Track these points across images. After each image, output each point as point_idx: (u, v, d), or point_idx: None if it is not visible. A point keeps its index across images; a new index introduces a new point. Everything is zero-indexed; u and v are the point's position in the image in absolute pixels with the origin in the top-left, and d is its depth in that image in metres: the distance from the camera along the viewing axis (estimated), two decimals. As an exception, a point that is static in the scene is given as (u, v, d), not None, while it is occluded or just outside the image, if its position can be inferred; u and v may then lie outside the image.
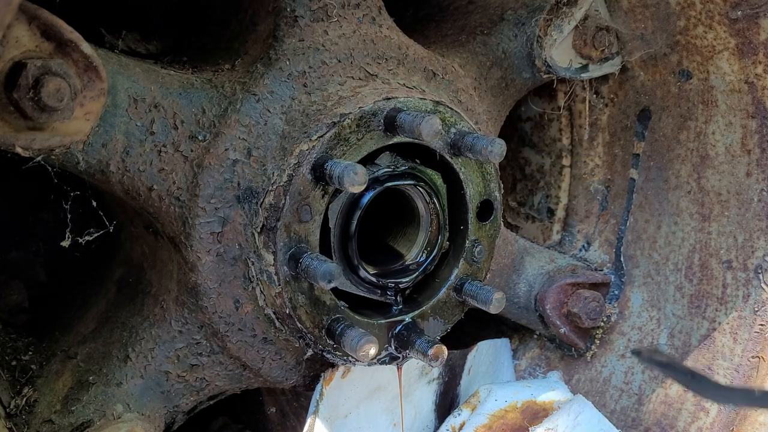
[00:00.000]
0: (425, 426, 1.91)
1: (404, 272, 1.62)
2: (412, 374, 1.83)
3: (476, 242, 1.66)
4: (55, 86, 1.17)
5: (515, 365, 2.17)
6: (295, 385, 1.72)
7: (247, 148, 1.45)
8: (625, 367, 2.04)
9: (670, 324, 1.97)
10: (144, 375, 1.59)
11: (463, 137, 1.52)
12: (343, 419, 1.72)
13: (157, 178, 1.41)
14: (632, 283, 2.07)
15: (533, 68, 1.84)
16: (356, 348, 1.43)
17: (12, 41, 1.15)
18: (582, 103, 2.12)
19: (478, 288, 1.62)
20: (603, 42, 1.89)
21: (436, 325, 1.65)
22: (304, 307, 1.47)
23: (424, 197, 1.59)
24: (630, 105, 2.05)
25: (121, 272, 1.80)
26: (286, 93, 1.49)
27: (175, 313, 1.57)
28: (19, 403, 1.62)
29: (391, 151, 1.53)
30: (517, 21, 1.83)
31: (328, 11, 1.51)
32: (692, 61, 1.88)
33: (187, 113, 1.43)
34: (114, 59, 1.37)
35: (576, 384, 2.08)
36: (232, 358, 1.61)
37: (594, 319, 1.99)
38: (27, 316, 2.06)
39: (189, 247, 1.47)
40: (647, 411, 1.96)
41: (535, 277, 2.00)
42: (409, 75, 1.63)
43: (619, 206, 2.11)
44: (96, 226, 1.61)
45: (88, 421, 1.55)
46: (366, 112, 1.46)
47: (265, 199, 1.45)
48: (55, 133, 1.24)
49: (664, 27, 1.87)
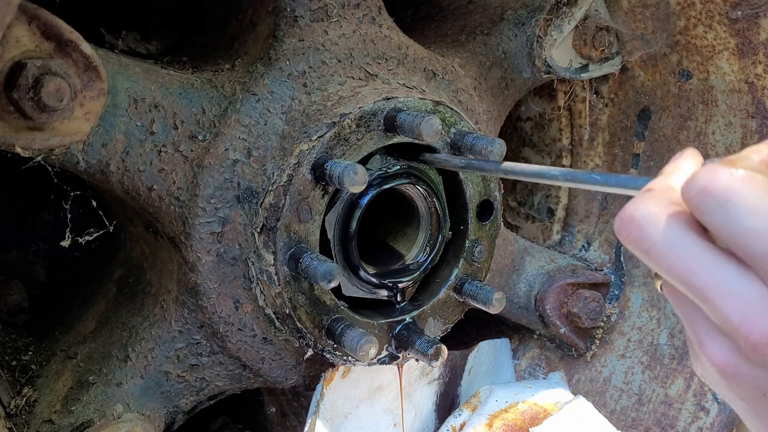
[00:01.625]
0: (426, 426, 1.91)
1: (404, 272, 1.62)
2: (412, 374, 1.83)
3: (476, 242, 1.66)
4: (55, 86, 1.17)
5: (515, 365, 2.17)
6: (295, 385, 1.72)
7: (247, 148, 1.46)
8: (625, 367, 2.04)
9: (670, 324, 1.97)
10: (144, 375, 1.59)
11: (463, 137, 1.52)
12: (343, 419, 1.72)
13: (157, 178, 1.41)
14: (632, 283, 2.07)
15: (533, 68, 1.84)
16: (356, 348, 1.43)
17: (12, 41, 1.15)
18: (582, 103, 2.12)
19: (478, 288, 1.62)
20: (603, 42, 1.89)
21: (436, 325, 1.64)
22: (304, 307, 1.47)
23: (423, 197, 1.59)
24: (630, 105, 2.05)
25: (121, 272, 1.80)
26: (286, 93, 1.49)
27: (175, 313, 1.57)
28: (19, 403, 1.62)
29: (391, 151, 1.53)
30: (517, 21, 1.83)
31: (328, 11, 1.50)
32: (692, 61, 1.88)
33: (187, 113, 1.43)
34: (114, 59, 1.37)
35: (576, 384, 2.08)
36: (232, 358, 1.61)
37: (594, 319, 1.99)
38: (27, 316, 2.06)
39: (189, 247, 1.47)
40: (647, 411, 1.96)
41: (535, 277, 2.00)
42: (409, 75, 1.62)
43: (619, 206, 2.11)
44: (96, 226, 1.61)
45: (88, 421, 1.55)
46: (366, 112, 1.46)
47: (265, 199, 1.45)
48: (55, 133, 1.24)
49: (664, 27, 1.87)
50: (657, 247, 0.75)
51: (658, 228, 0.76)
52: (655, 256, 0.76)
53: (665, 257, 0.76)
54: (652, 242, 0.76)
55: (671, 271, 0.76)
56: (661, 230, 0.75)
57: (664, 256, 0.76)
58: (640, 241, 0.77)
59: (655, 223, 0.76)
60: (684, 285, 0.75)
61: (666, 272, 0.76)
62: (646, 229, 0.76)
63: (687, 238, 0.75)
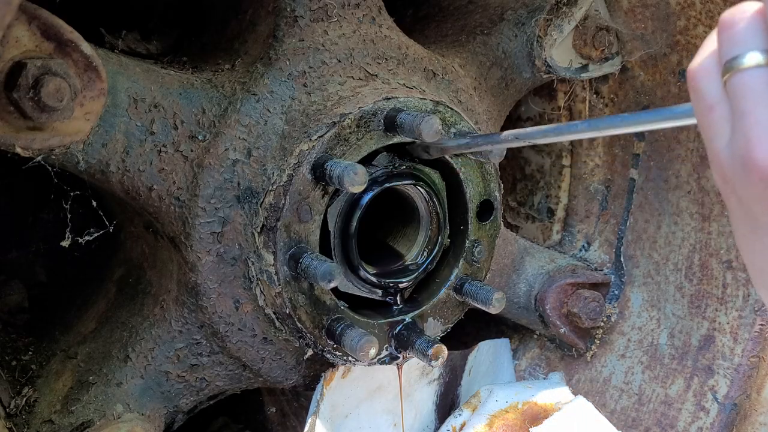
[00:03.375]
0: (426, 426, 1.91)
1: (404, 272, 1.62)
2: (412, 374, 1.83)
3: (476, 242, 1.66)
4: (55, 86, 1.17)
5: (515, 365, 2.17)
6: (295, 385, 1.72)
7: (247, 148, 1.46)
8: (625, 367, 2.04)
9: (670, 324, 1.97)
10: (144, 375, 1.59)
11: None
12: (343, 419, 1.72)
13: (157, 178, 1.41)
14: (632, 283, 2.07)
15: (533, 68, 1.84)
16: (356, 348, 1.43)
17: (12, 41, 1.15)
18: (582, 103, 2.12)
19: (478, 288, 1.62)
20: (603, 42, 1.89)
21: (436, 325, 1.65)
22: (304, 307, 1.47)
23: (424, 197, 1.59)
24: (630, 105, 2.05)
25: (121, 272, 1.80)
26: (286, 93, 1.49)
27: (175, 313, 1.57)
28: (19, 403, 1.62)
29: (391, 151, 1.53)
30: (517, 21, 1.83)
31: (328, 11, 1.50)
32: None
33: (187, 113, 1.43)
34: (114, 59, 1.37)
35: (576, 384, 2.08)
36: (232, 358, 1.61)
37: (594, 319, 1.99)
38: (27, 316, 2.06)
39: (189, 247, 1.47)
40: (647, 411, 1.96)
41: (535, 277, 1.99)
42: (409, 75, 1.62)
43: (619, 206, 2.11)
44: (96, 226, 1.61)
45: (88, 421, 1.55)
46: (366, 112, 1.46)
47: (265, 199, 1.45)
48: (55, 133, 1.24)
49: (664, 27, 1.87)
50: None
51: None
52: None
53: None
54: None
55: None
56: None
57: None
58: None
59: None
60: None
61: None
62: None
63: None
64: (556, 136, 1.09)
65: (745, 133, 0.77)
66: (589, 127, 1.01)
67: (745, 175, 0.78)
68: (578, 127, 1.02)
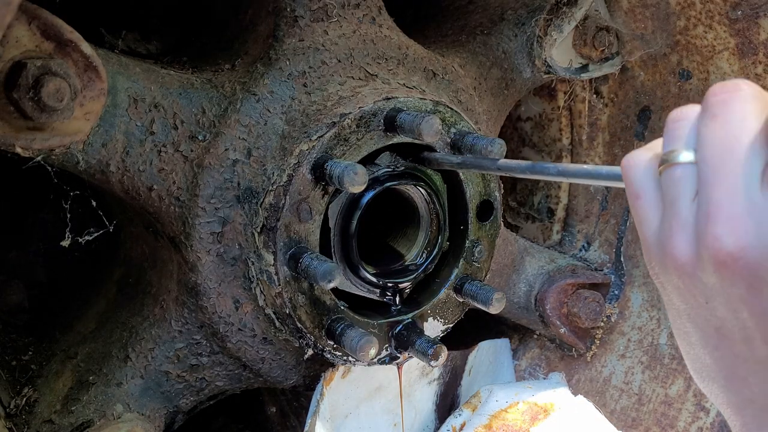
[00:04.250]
0: (426, 426, 1.91)
1: (404, 272, 1.62)
2: (412, 374, 1.83)
3: (476, 242, 1.66)
4: (55, 86, 1.17)
5: (515, 365, 2.17)
6: (295, 385, 1.72)
7: (247, 148, 1.45)
8: (625, 367, 2.04)
9: (670, 324, 1.97)
10: (144, 375, 1.59)
11: (463, 137, 1.52)
12: (343, 419, 1.72)
13: (157, 178, 1.41)
14: (632, 283, 2.07)
15: (533, 68, 1.84)
16: (356, 348, 1.43)
17: (12, 41, 1.15)
18: (582, 103, 2.12)
19: (478, 288, 1.62)
20: (603, 42, 1.89)
21: (436, 325, 1.65)
22: (304, 307, 1.47)
23: (424, 198, 1.59)
24: (630, 105, 2.05)
25: (121, 272, 1.80)
26: (286, 93, 1.49)
27: (175, 313, 1.57)
28: (19, 403, 1.62)
29: (391, 151, 1.53)
30: (517, 21, 1.83)
31: (328, 11, 1.50)
32: (692, 61, 1.87)
33: (187, 113, 1.43)
34: (114, 59, 1.37)
35: (576, 384, 2.08)
36: (232, 358, 1.61)
37: (594, 319, 1.99)
38: (27, 316, 2.06)
39: (189, 247, 1.47)
40: (647, 411, 1.96)
41: (535, 277, 1.99)
42: (409, 75, 1.62)
43: (619, 206, 2.11)
44: (96, 226, 1.61)
45: (88, 421, 1.55)
46: (366, 112, 1.46)
47: (265, 199, 1.45)
48: (55, 133, 1.24)
49: (664, 27, 1.87)
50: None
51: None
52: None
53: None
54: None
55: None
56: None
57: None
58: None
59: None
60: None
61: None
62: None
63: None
64: (531, 174, 1.22)
65: (667, 223, 0.82)
66: (558, 173, 1.15)
67: (664, 264, 0.84)
68: (550, 170, 1.17)
